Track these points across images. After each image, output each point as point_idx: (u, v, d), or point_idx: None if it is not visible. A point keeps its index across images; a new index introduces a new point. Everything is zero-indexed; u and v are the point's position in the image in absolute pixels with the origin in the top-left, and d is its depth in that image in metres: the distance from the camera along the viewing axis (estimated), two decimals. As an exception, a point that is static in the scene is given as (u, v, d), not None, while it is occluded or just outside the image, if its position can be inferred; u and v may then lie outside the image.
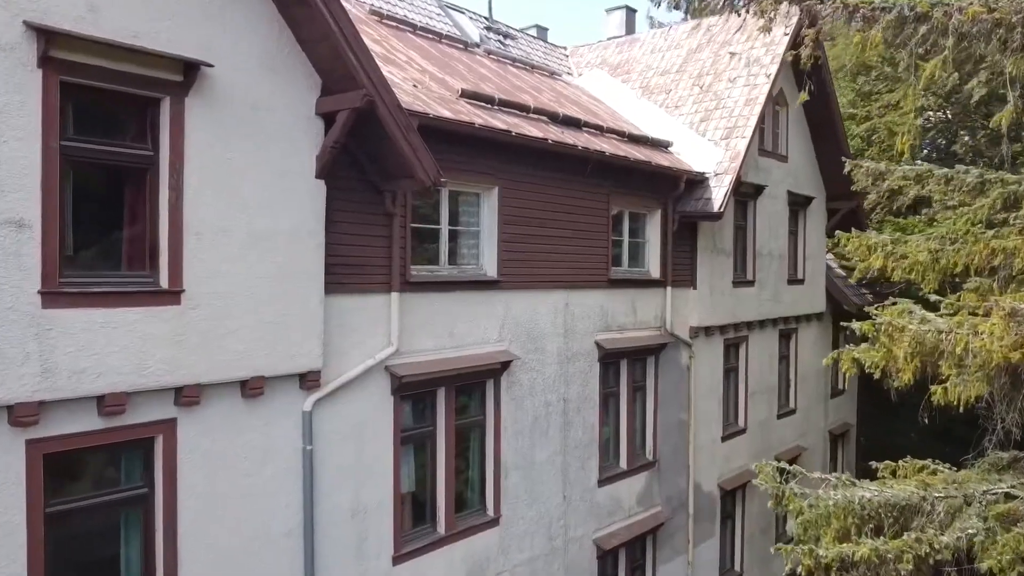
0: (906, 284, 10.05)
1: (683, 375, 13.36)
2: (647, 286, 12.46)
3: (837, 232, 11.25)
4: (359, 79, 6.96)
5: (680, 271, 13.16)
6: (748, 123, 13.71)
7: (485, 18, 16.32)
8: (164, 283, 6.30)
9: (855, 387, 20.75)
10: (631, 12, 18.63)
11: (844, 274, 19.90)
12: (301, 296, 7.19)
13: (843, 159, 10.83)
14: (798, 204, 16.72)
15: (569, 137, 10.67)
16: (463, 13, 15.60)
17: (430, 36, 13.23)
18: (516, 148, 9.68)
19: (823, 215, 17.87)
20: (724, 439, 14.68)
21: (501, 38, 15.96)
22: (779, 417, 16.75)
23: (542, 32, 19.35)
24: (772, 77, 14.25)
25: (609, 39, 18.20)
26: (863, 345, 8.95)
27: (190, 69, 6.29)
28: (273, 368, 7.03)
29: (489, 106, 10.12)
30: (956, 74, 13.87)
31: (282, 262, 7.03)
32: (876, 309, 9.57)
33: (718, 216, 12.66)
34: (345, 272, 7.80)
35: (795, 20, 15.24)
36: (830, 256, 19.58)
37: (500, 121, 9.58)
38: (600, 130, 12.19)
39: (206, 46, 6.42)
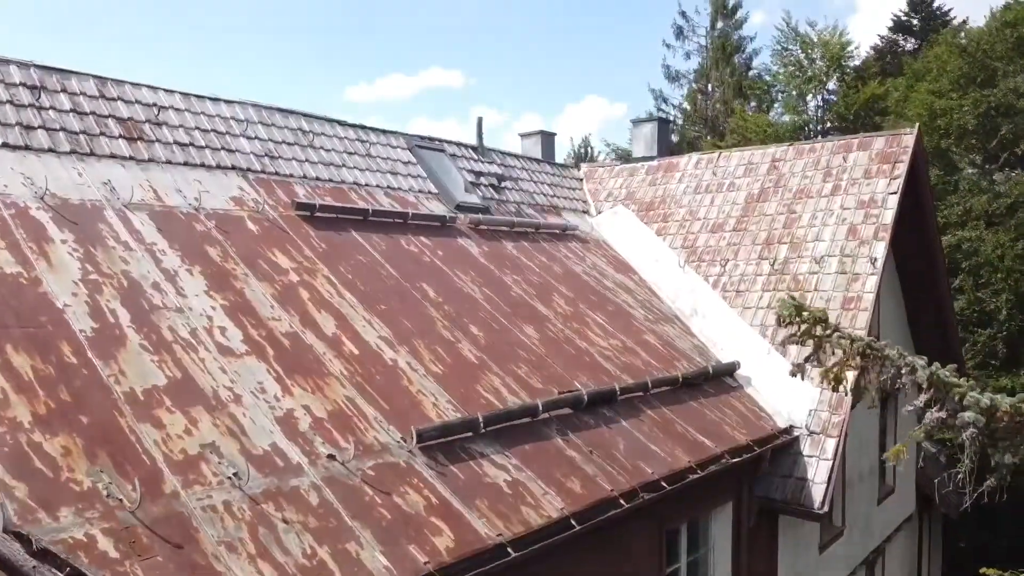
0: None
1: None
2: (713, 626, 8.26)
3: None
4: None
5: (755, 572, 8.96)
6: (851, 342, 9.48)
7: (473, 148, 12.07)
8: None
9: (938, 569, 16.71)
10: (663, 124, 14.27)
11: (935, 450, 15.69)
12: None
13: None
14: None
15: (604, 474, 6.43)
16: (443, 152, 11.33)
17: (390, 220, 8.98)
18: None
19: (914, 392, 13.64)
20: None
21: (495, 181, 11.70)
22: None
23: (548, 139, 15.10)
24: (881, 261, 10.05)
25: (638, 160, 13.89)
26: None
27: None
28: None
29: (476, 457, 5.93)
30: None
31: None
32: None
33: (820, 516, 8.43)
34: None
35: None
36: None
37: (491, 520, 5.35)
38: (644, 391, 8.02)
39: None
